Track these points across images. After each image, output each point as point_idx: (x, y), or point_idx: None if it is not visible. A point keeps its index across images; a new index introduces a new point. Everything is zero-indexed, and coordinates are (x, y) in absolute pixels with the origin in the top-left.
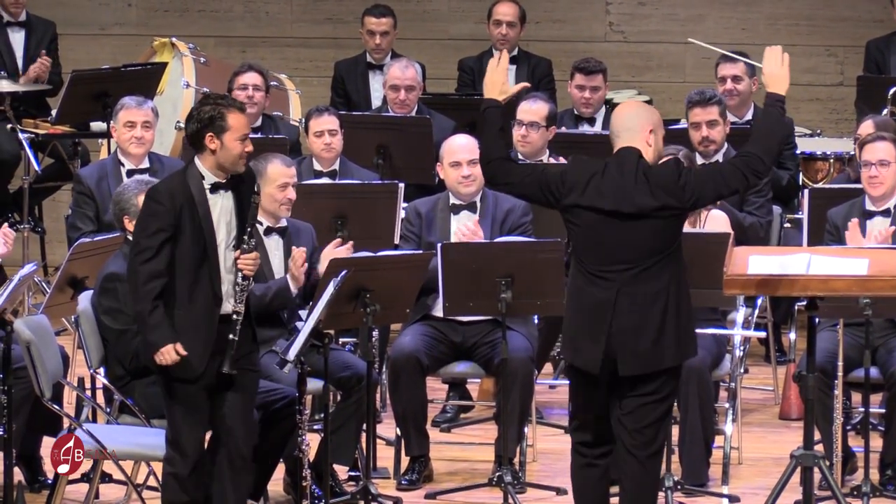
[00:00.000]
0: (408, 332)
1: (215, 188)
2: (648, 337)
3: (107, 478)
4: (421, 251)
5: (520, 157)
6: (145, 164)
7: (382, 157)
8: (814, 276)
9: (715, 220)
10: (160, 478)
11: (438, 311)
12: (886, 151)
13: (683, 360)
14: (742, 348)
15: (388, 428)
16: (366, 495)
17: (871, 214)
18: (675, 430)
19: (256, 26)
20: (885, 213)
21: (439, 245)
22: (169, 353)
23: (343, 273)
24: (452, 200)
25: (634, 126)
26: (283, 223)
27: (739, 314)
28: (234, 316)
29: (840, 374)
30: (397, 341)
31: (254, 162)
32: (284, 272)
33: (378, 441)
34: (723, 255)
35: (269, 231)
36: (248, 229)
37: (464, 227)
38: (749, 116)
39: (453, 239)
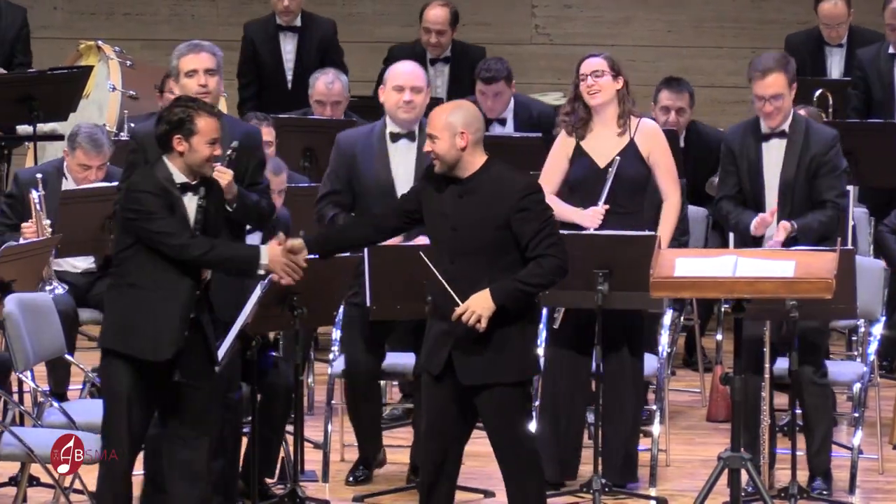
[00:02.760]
0: (349, 342)
1: (184, 189)
2: None
3: (34, 481)
4: (349, 254)
5: (397, 129)
6: None
7: (309, 159)
8: (740, 279)
9: (646, 127)
10: (96, 480)
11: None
12: (776, 84)
13: None
14: (669, 350)
15: (315, 431)
16: (293, 499)
17: (767, 137)
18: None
19: (182, 29)
20: (781, 134)
21: (366, 249)
22: None
23: (271, 275)
24: (390, 128)
25: None
26: None
27: (667, 316)
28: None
29: (767, 375)
30: (348, 357)
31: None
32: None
33: (305, 444)
34: (649, 257)
35: None
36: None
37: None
38: None
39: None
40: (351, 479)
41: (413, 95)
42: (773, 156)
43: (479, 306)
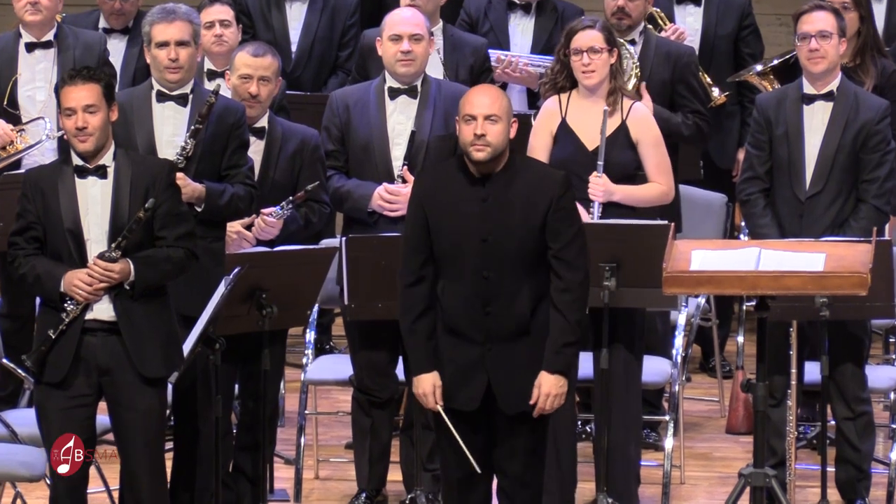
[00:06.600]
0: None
1: (82, 172)
2: None
3: None
4: (320, 246)
5: (396, 84)
6: (49, 37)
7: None
8: (764, 273)
9: (638, 112)
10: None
11: None
12: (827, 22)
13: None
14: (684, 354)
15: (287, 446)
16: None
17: (810, 99)
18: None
19: None
20: (828, 96)
21: (343, 238)
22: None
23: (236, 270)
24: (389, 83)
25: None
26: (263, 123)
27: (682, 316)
28: (63, 315)
29: (794, 382)
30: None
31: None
32: (260, 173)
33: (276, 460)
34: (661, 250)
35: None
36: (120, 239)
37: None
38: None
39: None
40: None
41: (412, 45)
42: (817, 121)
43: (554, 391)
